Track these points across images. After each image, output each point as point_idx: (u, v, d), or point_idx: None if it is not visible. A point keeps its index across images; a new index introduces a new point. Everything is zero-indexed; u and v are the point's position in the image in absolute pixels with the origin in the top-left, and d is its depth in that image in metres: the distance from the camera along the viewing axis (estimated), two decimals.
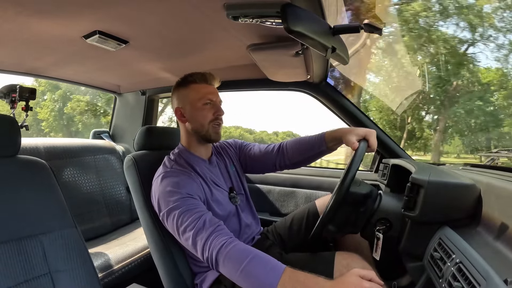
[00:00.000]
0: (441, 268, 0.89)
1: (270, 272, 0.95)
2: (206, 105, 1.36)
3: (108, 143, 2.68)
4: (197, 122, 1.37)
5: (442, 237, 0.99)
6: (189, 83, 1.38)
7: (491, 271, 0.69)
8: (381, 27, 1.06)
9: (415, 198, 1.09)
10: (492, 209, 0.95)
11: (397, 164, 1.56)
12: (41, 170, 1.14)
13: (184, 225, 1.12)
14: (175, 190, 1.19)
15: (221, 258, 1.02)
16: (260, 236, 1.52)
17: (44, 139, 2.16)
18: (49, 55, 1.70)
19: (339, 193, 1.11)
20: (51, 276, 1.01)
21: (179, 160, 1.36)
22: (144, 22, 1.25)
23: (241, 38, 1.39)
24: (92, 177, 2.32)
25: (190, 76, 1.39)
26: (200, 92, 1.37)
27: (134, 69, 2.03)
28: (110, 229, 2.34)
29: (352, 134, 1.25)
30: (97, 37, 1.34)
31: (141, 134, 1.61)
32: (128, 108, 2.84)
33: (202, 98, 1.36)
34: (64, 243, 1.07)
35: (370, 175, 2.17)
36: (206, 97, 1.36)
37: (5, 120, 1.06)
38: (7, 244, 0.96)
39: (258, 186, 2.43)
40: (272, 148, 1.53)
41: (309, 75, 1.82)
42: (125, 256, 1.84)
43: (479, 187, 1.04)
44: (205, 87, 1.38)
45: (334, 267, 1.18)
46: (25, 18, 1.19)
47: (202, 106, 1.35)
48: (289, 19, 0.94)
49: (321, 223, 1.19)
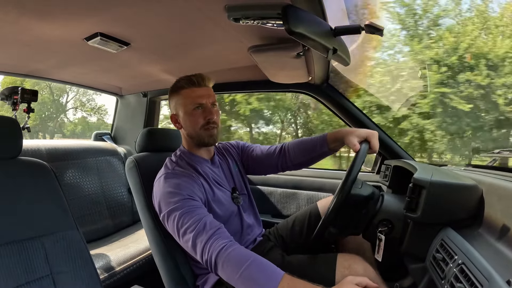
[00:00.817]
0: (443, 269, 0.89)
1: (269, 278, 0.95)
2: (197, 109, 1.33)
3: (109, 145, 2.69)
4: (190, 127, 1.36)
5: (444, 238, 0.99)
6: (179, 89, 1.36)
7: (494, 272, 0.68)
8: (382, 27, 1.06)
9: (417, 199, 1.09)
10: (494, 210, 0.95)
11: (399, 165, 1.55)
12: (42, 171, 1.14)
13: (184, 227, 1.11)
14: (176, 192, 1.19)
15: (221, 261, 1.01)
16: (262, 238, 1.52)
17: (46, 140, 2.17)
18: (50, 57, 1.70)
19: (341, 195, 1.11)
20: (53, 278, 1.02)
21: (180, 161, 1.36)
22: (146, 24, 1.26)
23: (242, 39, 1.39)
24: (93, 178, 2.32)
25: (178, 81, 1.37)
26: (189, 97, 1.34)
27: (135, 71, 2.04)
28: (112, 230, 2.34)
29: (353, 135, 1.25)
30: (99, 39, 1.34)
31: (142, 136, 1.61)
32: (129, 110, 2.85)
33: (191, 103, 1.33)
34: (65, 245, 1.07)
35: (372, 177, 2.17)
36: (195, 101, 1.33)
37: (6, 122, 1.07)
38: (9, 246, 0.96)
39: (260, 188, 2.43)
40: (274, 149, 1.53)
41: (310, 76, 1.82)
42: (126, 258, 1.84)
43: (481, 188, 1.04)
44: (194, 91, 1.35)
45: (336, 269, 1.18)
46: (27, 20, 1.19)
47: (192, 111, 1.33)
48: (290, 20, 0.94)
49: (323, 224, 1.19)
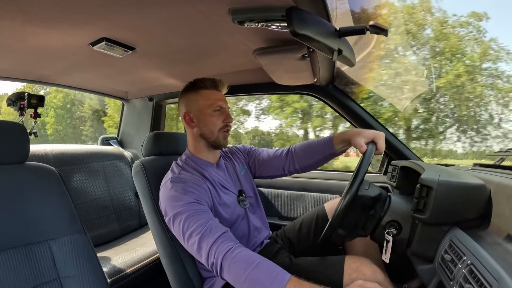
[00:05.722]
0: (452, 270, 0.88)
1: (275, 280, 0.94)
2: (216, 111, 1.36)
3: (116, 149, 2.70)
4: (207, 128, 1.37)
5: (452, 239, 0.98)
6: (199, 89, 1.39)
7: (503, 272, 0.67)
8: (386, 28, 1.05)
9: (425, 199, 1.08)
10: (502, 209, 0.94)
11: (406, 166, 1.55)
12: (50, 176, 1.15)
13: (190, 230, 1.11)
14: (182, 195, 1.19)
15: (227, 264, 1.01)
16: (269, 240, 1.51)
17: (53, 145, 2.18)
18: (57, 63, 1.71)
19: (348, 196, 1.10)
20: (60, 282, 1.02)
21: (186, 165, 1.36)
22: (150, 28, 1.26)
23: (247, 42, 1.39)
24: (100, 183, 2.33)
25: (201, 81, 1.39)
26: (210, 98, 1.37)
27: (141, 75, 2.05)
28: (119, 234, 2.35)
29: (360, 136, 1.24)
30: (104, 44, 1.35)
31: (149, 139, 1.62)
32: (135, 114, 2.87)
33: (212, 104, 1.36)
34: (73, 249, 1.07)
35: (379, 177, 2.16)
36: (216, 103, 1.36)
37: (14, 127, 1.08)
38: (17, 250, 0.96)
39: (266, 191, 2.43)
40: (281, 152, 1.53)
41: (316, 78, 1.82)
42: (134, 261, 1.84)
43: (489, 187, 1.03)
44: (215, 94, 1.39)
45: (343, 271, 1.17)
46: (33, 27, 1.20)
47: (212, 112, 1.36)
48: (295, 22, 0.94)
49: (330, 226, 1.18)
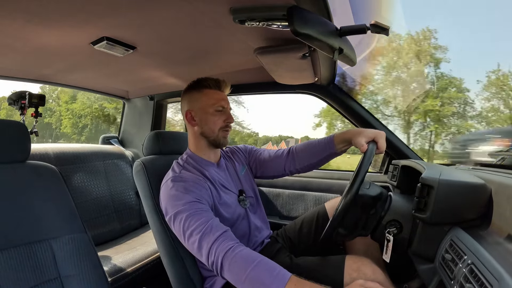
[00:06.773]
0: (453, 270, 0.88)
1: (275, 279, 0.94)
2: (218, 111, 1.37)
3: (117, 148, 2.71)
4: (207, 127, 1.38)
5: (453, 238, 0.98)
6: (203, 88, 1.39)
7: (503, 272, 0.67)
8: (387, 27, 1.05)
9: (426, 199, 1.08)
10: (503, 209, 0.94)
11: (407, 165, 1.54)
12: (50, 175, 1.15)
13: (190, 229, 1.11)
14: (183, 194, 1.19)
15: (227, 263, 1.01)
16: (269, 240, 1.51)
17: (54, 144, 2.19)
18: (58, 62, 1.72)
19: (348, 196, 1.10)
20: (61, 281, 1.02)
21: (187, 165, 1.37)
22: (151, 27, 1.26)
23: (248, 41, 1.39)
24: (101, 182, 2.34)
25: (204, 80, 1.40)
26: (213, 98, 1.38)
27: (142, 74, 2.05)
28: (120, 233, 2.35)
29: (361, 136, 1.24)
30: (105, 43, 1.35)
31: (150, 139, 1.62)
32: (136, 113, 2.87)
33: (215, 104, 1.37)
34: (74, 248, 1.07)
35: (380, 177, 2.16)
36: (218, 103, 1.37)
37: (15, 126, 1.08)
38: (18, 249, 0.97)
39: (267, 190, 2.43)
40: (281, 152, 1.53)
41: (316, 77, 1.82)
42: (135, 261, 1.84)
43: (490, 187, 1.02)
44: (218, 94, 1.40)
45: (344, 270, 1.17)
46: (34, 26, 1.20)
47: (214, 112, 1.37)
48: (296, 21, 0.94)
49: (331, 226, 1.18)
